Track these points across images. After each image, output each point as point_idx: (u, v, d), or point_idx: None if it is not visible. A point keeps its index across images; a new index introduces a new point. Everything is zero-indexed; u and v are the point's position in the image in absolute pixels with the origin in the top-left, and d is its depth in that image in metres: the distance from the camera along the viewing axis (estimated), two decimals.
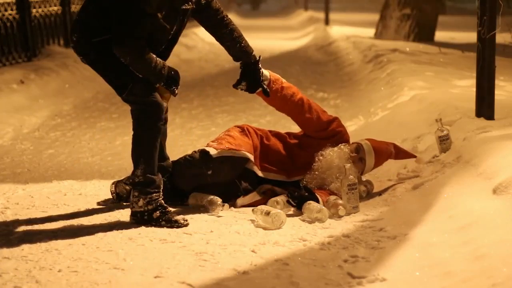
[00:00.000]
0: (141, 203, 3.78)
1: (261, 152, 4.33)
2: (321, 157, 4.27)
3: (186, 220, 3.79)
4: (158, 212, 3.77)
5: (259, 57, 4.25)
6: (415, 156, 4.58)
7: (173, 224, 3.75)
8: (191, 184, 4.15)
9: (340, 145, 4.35)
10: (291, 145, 4.41)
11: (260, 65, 4.24)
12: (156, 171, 3.84)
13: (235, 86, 4.24)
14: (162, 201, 3.84)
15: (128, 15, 3.66)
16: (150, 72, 3.75)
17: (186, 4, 3.86)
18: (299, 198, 3.96)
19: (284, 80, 4.40)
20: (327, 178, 4.21)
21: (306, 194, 4.00)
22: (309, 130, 4.44)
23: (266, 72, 4.30)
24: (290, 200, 4.00)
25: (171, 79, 3.83)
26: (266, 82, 4.27)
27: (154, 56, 3.75)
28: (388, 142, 4.54)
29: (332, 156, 4.24)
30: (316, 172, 4.24)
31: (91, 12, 3.82)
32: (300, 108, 4.39)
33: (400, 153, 4.51)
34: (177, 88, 3.88)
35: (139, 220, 3.79)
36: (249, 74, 4.20)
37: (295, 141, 4.43)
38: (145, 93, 3.76)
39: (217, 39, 4.17)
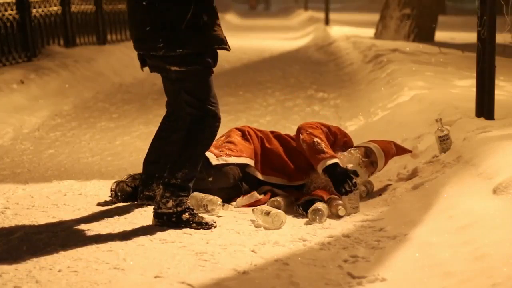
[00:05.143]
0: (170, 204, 3.71)
1: (262, 155, 4.31)
2: None
3: (215, 222, 3.76)
4: (187, 214, 3.72)
5: None
6: (410, 151, 4.59)
7: (204, 225, 3.71)
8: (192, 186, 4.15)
9: (350, 149, 4.33)
10: (292, 148, 4.36)
11: None
12: (193, 180, 3.79)
13: None
14: (189, 204, 3.81)
15: None
16: None
17: None
18: (306, 205, 3.94)
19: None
20: None
21: (307, 199, 3.99)
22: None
23: None
24: (300, 211, 3.98)
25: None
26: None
27: None
28: (388, 140, 4.55)
29: (343, 161, 4.18)
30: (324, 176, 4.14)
31: None
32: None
33: (399, 150, 4.53)
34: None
35: (165, 222, 3.72)
36: None
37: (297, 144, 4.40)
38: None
39: None
